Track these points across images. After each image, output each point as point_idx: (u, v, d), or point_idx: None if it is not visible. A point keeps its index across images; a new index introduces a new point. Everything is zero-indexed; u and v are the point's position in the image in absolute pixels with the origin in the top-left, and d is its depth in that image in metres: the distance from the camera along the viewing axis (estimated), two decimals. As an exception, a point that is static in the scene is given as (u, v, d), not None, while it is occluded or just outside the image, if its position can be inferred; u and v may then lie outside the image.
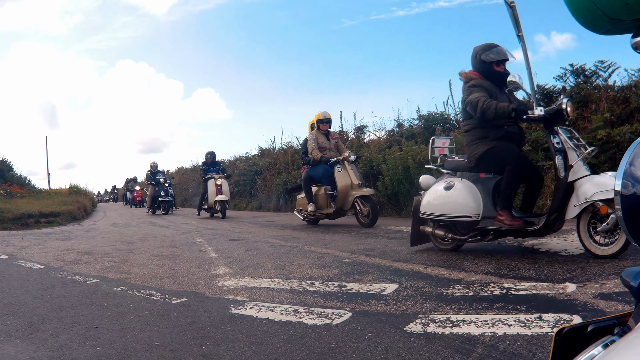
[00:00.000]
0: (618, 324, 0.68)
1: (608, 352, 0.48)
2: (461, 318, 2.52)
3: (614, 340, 0.61)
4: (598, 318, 0.70)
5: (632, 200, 0.63)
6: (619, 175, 0.65)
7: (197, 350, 2.28)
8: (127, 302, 3.37)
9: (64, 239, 8.41)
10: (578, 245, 4.28)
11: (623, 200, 0.64)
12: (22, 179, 24.63)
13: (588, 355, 0.57)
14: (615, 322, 0.68)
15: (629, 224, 0.64)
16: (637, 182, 0.63)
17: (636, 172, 0.63)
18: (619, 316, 0.69)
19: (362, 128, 13.26)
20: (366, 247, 5.32)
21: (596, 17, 0.68)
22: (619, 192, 0.64)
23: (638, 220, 0.63)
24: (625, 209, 0.64)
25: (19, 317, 3.06)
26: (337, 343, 2.28)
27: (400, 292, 3.18)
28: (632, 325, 0.63)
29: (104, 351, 2.33)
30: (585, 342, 0.67)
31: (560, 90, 8.22)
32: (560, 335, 0.69)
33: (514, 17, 7.99)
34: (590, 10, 0.67)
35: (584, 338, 0.68)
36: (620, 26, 0.69)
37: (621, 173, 0.64)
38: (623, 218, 0.64)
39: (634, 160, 0.64)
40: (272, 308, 2.98)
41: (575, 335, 0.69)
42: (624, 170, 0.64)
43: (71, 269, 4.90)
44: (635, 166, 0.63)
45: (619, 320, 0.68)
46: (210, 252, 5.73)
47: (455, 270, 3.75)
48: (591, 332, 0.68)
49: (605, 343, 0.60)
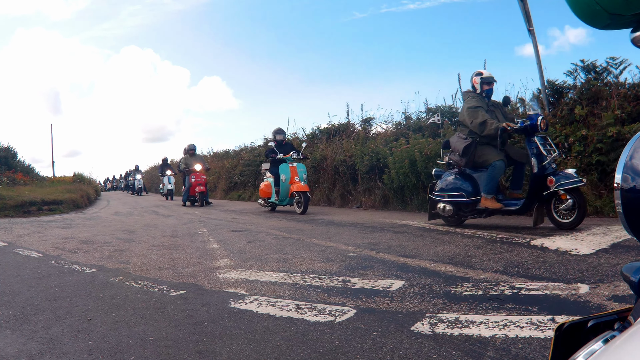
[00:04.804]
0: (618, 319, 0.69)
1: (608, 347, 0.48)
2: (471, 318, 2.40)
3: (614, 335, 0.60)
4: (598, 313, 0.71)
5: (632, 193, 0.64)
6: (618, 169, 0.66)
7: (192, 347, 2.17)
8: (124, 293, 3.27)
9: (65, 227, 8.34)
10: (588, 245, 4.19)
11: (623, 194, 0.65)
12: (26, 166, 24.63)
13: (589, 350, 0.57)
14: (616, 317, 0.69)
15: (628, 217, 0.65)
16: (637, 176, 0.64)
17: (636, 166, 0.64)
18: (619, 311, 0.70)
19: (368, 120, 13.11)
20: (371, 241, 5.20)
21: (595, 11, 0.67)
22: (619, 185, 0.66)
23: (638, 213, 0.64)
24: (624, 203, 0.65)
25: (11, 307, 2.96)
26: (340, 342, 2.16)
27: (406, 289, 3.06)
28: (632, 320, 0.63)
29: (95, 345, 2.22)
30: (585, 337, 0.68)
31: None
32: (560, 331, 0.70)
33: (525, 11, 7.88)
34: (589, 4, 0.66)
35: (585, 333, 0.69)
36: (620, 21, 0.68)
37: (621, 167, 0.65)
38: (623, 212, 0.66)
39: (634, 154, 0.65)
40: (273, 303, 2.88)
41: (575, 330, 0.70)
42: (624, 164, 0.65)
43: (69, 257, 4.81)
44: (635, 160, 0.64)
45: (619, 316, 0.69)
46: (212, 243, 5.63)
47: (464, 267, 3.63)
48: (591, 327, 0.69)
49: (605, 338, 0.60)
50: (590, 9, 0.67)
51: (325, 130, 13.75)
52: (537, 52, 7.94)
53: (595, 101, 7.54)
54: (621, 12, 0.65)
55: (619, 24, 0.68)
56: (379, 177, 10.08)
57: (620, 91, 7.35)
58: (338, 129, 13.34)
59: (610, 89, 7.59)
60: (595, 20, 0.69)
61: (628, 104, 7.03)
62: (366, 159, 10.40)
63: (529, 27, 7.88)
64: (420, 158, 8.66)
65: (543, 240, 4.61)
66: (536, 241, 4.57)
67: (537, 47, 7.95)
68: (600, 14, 0.66)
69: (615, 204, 0.67)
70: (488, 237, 5.07)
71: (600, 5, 0.65)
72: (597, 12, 0.66)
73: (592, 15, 0.68)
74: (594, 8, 0.66)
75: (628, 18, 0.66)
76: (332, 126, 13.64)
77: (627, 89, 7.39)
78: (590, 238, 4.55)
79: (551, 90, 8.32)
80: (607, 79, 7.97)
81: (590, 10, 0.67)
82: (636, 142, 0.65)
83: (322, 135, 13.63)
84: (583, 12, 0.69)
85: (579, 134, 7.05)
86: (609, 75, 8.01)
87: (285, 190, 9.75)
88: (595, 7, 0.65)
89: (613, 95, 7.29)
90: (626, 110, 6.94)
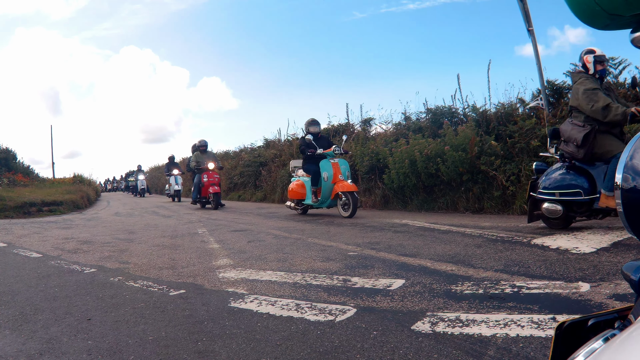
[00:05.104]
0: (618, 318, 0.68)
1: (609, 345, 0.48)
2: (471, 317, 2.39)
3: (615, 334, 0.60)
4: (598, 312, 0.70)
5: (632, 193, 0.64)
6: (619, 169, 0.66)
7: (192, 347, 2.16)
8: (123, 293, 3.26)
9: (65, 227, 8.33)
10: (589, 243, 4.17)
11: (623, 194, 0.65)
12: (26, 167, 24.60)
13: (589, 349, 0.57)
14: (616, 316, 0.69)
15: (629, 217, 0.65)
16: (637, 176, 0.64)
17: (636, 166, 0.64)
18: (620, 310, 0.70)
19: (368, 120, 13.09)
20: (371, 240, 5.19)
21: (595, 12, 0.67)
22: (619, 185, 0.66)
23: (638, 213, 0.65)
24: (625, 202, 0.65)
25: (11, 307, 2.95)
26: (341, 341, 2.15)
27: (407, 288, 3.05)
28: (633, 319, 0.62)
29: (94, 345, 2.21)
30: (585, 336, 0.68)
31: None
32: (561, 329, 0.70)
33: (525, 11, 7.88)
34: (589, 5, 0.66)
35: (585, 332, 0.69)
36: (619, 21, 0.68)
37: (622, 167, 0.66)
38: (623, 212, 0.66)
39: (634, 154, 0.65)
40: (273, 302, 2.87)
41: (576, 329, 0.70)
42: (624, 164, 0.65)
43: (69, 258, 4.80)
44: (635, 160, 0.64)
45: (619, 314, 0.69)
46: (212, 242, 5.62)
47: (464, 266, 3.62)
48: (592, 326, 0.69)
49: (605, 337, 0.60)
50: (590, 10, 0.67)
51: (325, 130, 13.74)
52: (537, 52, 7.93)
53: (595, 101, 7.52)
54: (621, 13, 0.65)
55: (619, 24, 0.69)
56: (379, 177, 10.06)
57: (620, 91, 7.34)
58: (338, 130, 13.32)
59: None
60: (595, 20, 0.69)
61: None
62: (366, 159, 10.38)
63: (528, 27, 7.86)
64: (420, 158, 8.65)
65: (544, 239, 4.60)
66: (537, 240, 4.56)
67: (536, 47, 7.93)
68: (599, 15, 0.67)
69: (616, 203, 0.67)
70: (488, 236, 5.06)
71: (600, 5, 0.65)
72: (597, 12, 0.66)
73: (591, 16, 0.68)
74: (593, 8, 0.66)
75: (628, 18, 0.66)
76: (332, 127, 13.63)
77: (627, 89, 7.38)
78: (591, 237, 4.53)
79: (551, 90, 8.31)
80: (607, 79, 7.96)
81: (590, 11, 0.67)
82: (636, 142, 0.65)
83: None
84: (583, 12, 0.69)
85: (579, 133, 7.03)
86: (608, 76, 8.01)
87: (327, 190, 8.41)
88: (595, 7, 0.65)
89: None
90: (627, 110, 6.92)
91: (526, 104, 8.67)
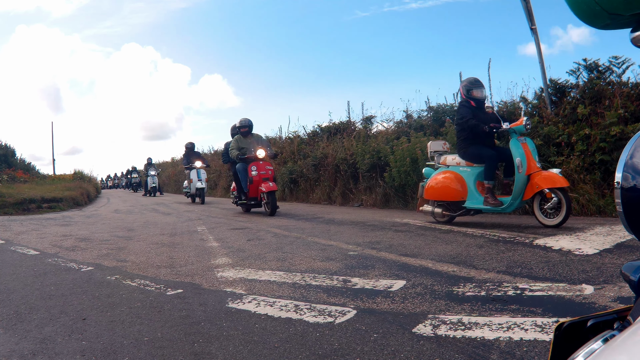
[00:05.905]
0: (617, 319, 0.68)
1: (608, 346, 0.48)
2: (474, 320, 2.34)
3: (614, 334, 0.60)
4: (598, 313, 0.70)
5: (632, 192, 0.64)
6: (619, 167, 0.66)
7: (188, 348, 2.12)
8: (120, 292, 3.22)
9: (64, 224, 8.29)
10: (592, 245, 4.13)
11: (623, 193, 0.65)
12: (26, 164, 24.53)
13: (588, 350, 0.57)
14: (615, 316, 0.69)
15: (628, 216, 0.65)
16: (637, 175, 0.63)
17: (636, 165, 0.64)
18: (619, 311, 0.69)
19: (369, 119, 13.04)
20: (372, 239, 5.14)
21: (595, 11, 0.66)
22: (619, 184, 0.65)
23: (638, 212, 0.64)
24: (624, 202, 0.65)
25: (6, 306, 2.91)
26: (340, 344, 2.11)
27: (408, 289, 3.00)
28: (632, 319, 0.62)
29: (88, 345, 2.17)
30: (585, 336, 0.67)
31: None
32: (560, 330, 0.70)
33: (528, 9, 7.83)
34: (589, 5, 0.66)
35: (584, 333, 0.69)
36: (619, 21, 0.68)
37: (621, 166, 0.65)
38: (623, 211, 0.65)
39: (634, 153, 0.65)
40: (272, 303, 2.82)
41: (575, 329, 0.70)
42: (624, 163, 0.65)
43: (66, 255, 4.75)
44: (635, 159, 0.64)
45: (619, 315, 0.69)
46: (211, 241, 5.57)
47: (466, 267, 3.57)
48: (591, 326, 0.69)
49: (605, 337, 0.60)
50: (590, 9, 0.67)
51: (326, 128, 13.68)
52: (540, 51, 7.89)
53: (598, 100, 7.48)
54: (621, 12, 0.65)
55: (619, 24, 0.69)
56: (380, 176, 10.01)
57: (623, 90, 7.29)
58: (339, 128, 13.26)
59: (613, 88, 7.53)
60: (595, 20, 0.69)
61: (631, 103, 6.97)
62: (367, 157, 10.33)
63: (531, 25, 7.82)
64: (421, 157, 8.60)
65: (546, 239, 4.55)
66: (539, 241, 4.51)
67: (539, 46, 7.89)
68: (600, 14, 0.66)
69: (616, 202, 0.67)
70: (490, 236, 5.01)
71: (600, 5, 0.65)
72: (597, 12, 0.66)
73: (592, 15, 0.68)
74: (593, 8, 0.66)
75: (628, 18, 0.66)
76: (333, 124, 13.57)
77: (630, 88, 7.33)
78: (593, 238, 4.49)
79: (554, 89, 8.25)
80: (610, 78, 7.90)
81: (590, 10, 0.67)
82: (636, 141, 0.65)
83: (323, 134, 13.56)
84: (583, 12, 0.69)
85: (581, 133, 6.99)
86: (611, 75, 7.94)
87: (521, 183, 5.53)
88: (595, 7, 0.65)
89: (616, 95, 7.23)
90: (629, 109, 6.88)
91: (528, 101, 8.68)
